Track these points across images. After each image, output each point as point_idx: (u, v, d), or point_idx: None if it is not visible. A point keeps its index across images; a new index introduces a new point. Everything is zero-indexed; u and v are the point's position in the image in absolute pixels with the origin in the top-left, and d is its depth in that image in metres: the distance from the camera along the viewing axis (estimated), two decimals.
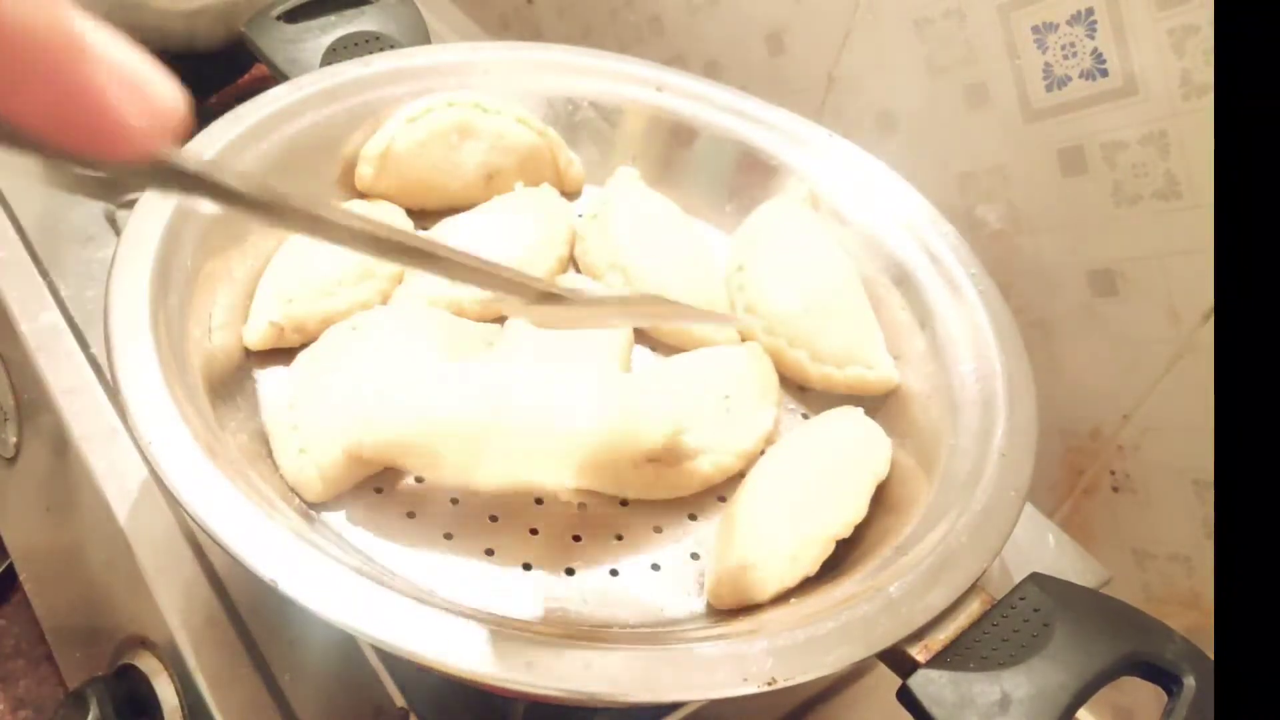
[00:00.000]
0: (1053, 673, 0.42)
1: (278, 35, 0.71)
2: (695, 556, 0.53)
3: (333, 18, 0.72)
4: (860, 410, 0.59)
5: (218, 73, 0.88)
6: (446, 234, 0.64)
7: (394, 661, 0.52)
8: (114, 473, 0.59)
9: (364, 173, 0.65)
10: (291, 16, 0.72)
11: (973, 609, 0.45)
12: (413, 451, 0.49)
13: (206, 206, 0.27)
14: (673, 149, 0.72)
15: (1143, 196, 0.63)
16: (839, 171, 0.69)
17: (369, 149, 0.65)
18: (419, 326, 0.57)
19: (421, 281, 0.61)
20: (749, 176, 0.71)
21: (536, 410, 0.50)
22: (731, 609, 0.50)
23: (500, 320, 0.61)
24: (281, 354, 0.58)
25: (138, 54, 0.19)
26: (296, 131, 0.63)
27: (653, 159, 0.72)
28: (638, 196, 0.68)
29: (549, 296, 0.41)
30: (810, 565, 0.50)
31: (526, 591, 0.49)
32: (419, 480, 0.52)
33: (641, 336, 0.63)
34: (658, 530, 0.54)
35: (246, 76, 0.89)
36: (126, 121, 0.19)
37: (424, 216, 0.67)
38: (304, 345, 0.57)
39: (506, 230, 0.64)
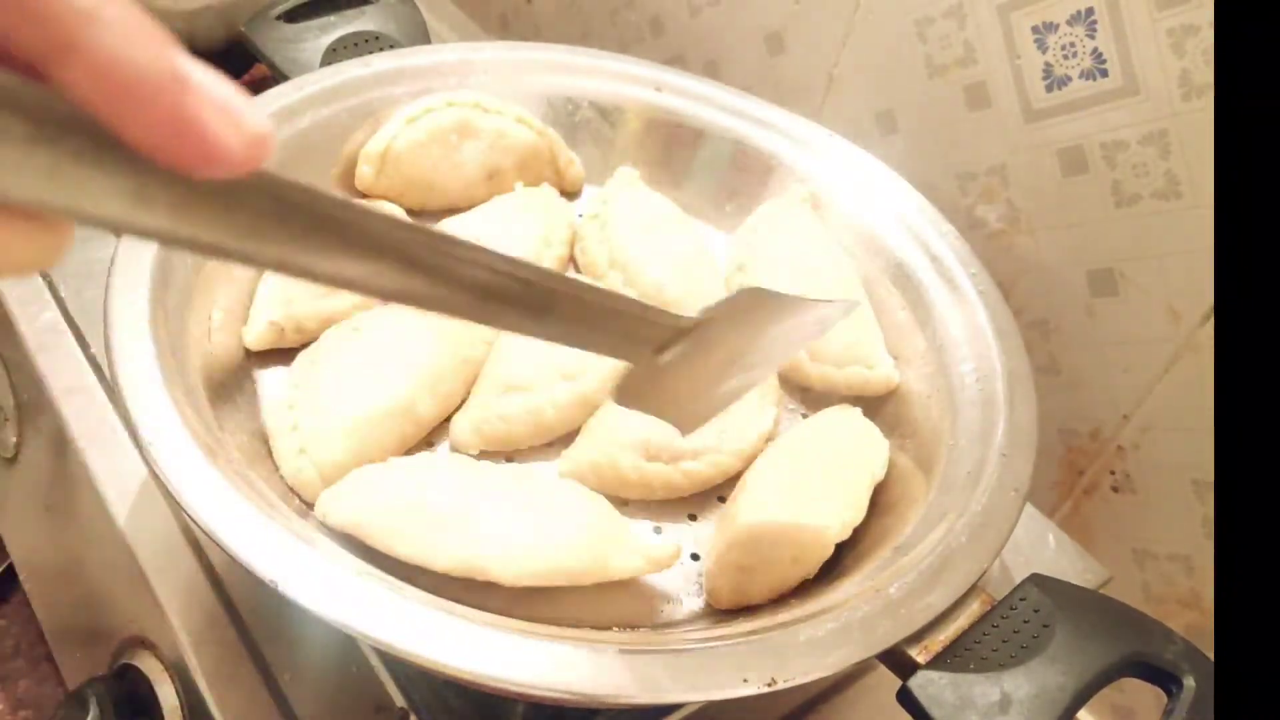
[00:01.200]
0: (1053, 674, 0.42)
1: (278, 35, 0.71)
2: (695, 557, 0.53)
3: (333, 18, 0.72)
4: (858, 410, 0.59)
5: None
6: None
7: (394, 661, 0.52)
8: (114, 473, 0.59)
9: (364, 172, 0.65)
10: (291, 16, 0.72)
11: (973, 610, 0.45)
12: (372, 533, 0.48)
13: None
14: (672, 149, 0.72)
15: (1143, 196, 0.63)
16: (839, 172, 0.69)
17: (369, 149, 0.65)
18: (419, 327, 0.57)
19: None
20: (749, 176, 0.71)
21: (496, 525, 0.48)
22: (731, 609, 0.50)
23: None
24: (281, 354, 0.57)
25: (232, 88, 0.22)
26: (297, 131, 0.63)
27: (652, 159, 0.72)
28: (638, 196, 0.68)
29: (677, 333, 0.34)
30: (810, 568, 0.50)
31: None
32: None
33: None
34: (658, 530, 0.54)
35: (246, 76, 0.89)
36: (224, 142, 0.21)
37: (424, 216, 0.67)
38: (304, 345, 0.57)
39: (506, 230, 0.64)
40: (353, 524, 0.48)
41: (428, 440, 0.56)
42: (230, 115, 0.21)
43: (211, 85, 0.21)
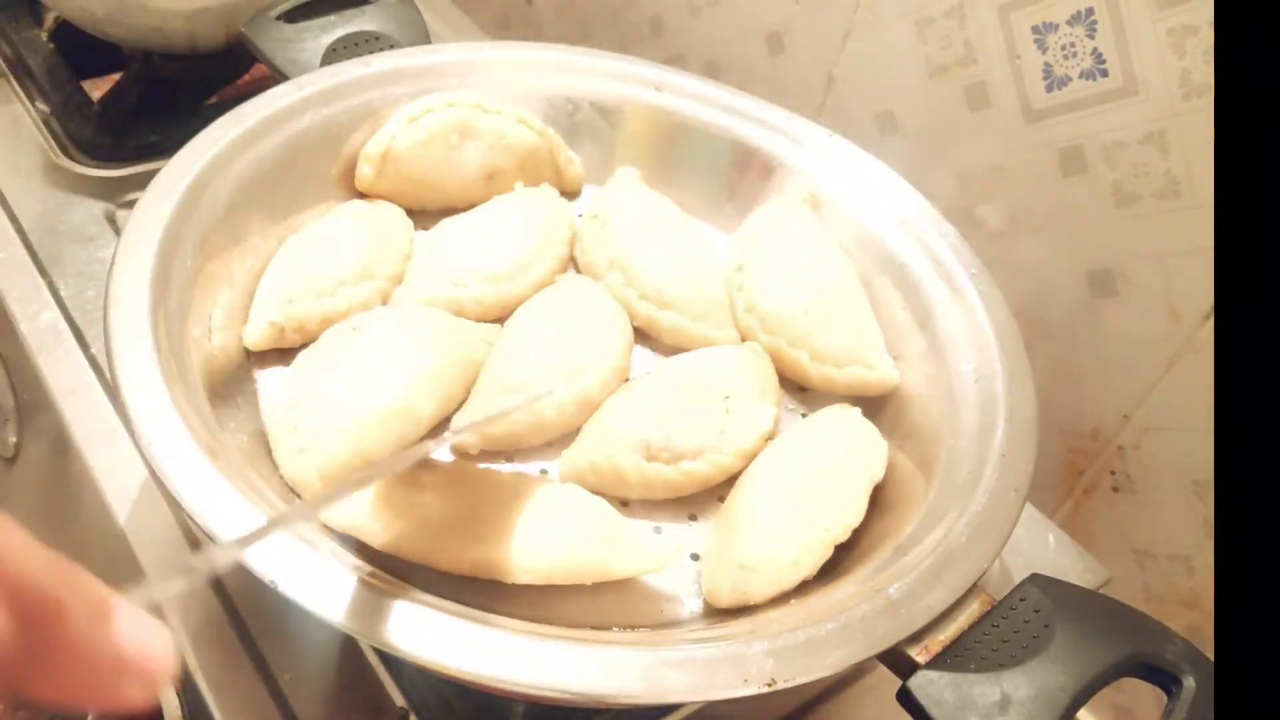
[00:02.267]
0: (1053, 674, 0.42)
1: (277, 35, 0.71)
2: (695, 557, 0.53)
3: (333, 18, 0.72)
4: (858, 410, 0.59)
5: (218, 73, 0.88)
6: (446, 233, 0.64)
7: (394, 661, 0.52)
8: (114, 473, 0.59)
9: (364, 172, 0.65)
10: (291, 16, 0.72)
11: (973, 610, 0.45)
12: (374, 534, 0.48)
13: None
14: (672, 149, 0.72)
15: (1143, 196, 0.63)
16: (839, 171, 0.69)
17: (369, 149, 0.65)
18: (419, 327, 0.57)
19: (422, 281, 0.61)
20: (749, 176, 0.71)
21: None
22: (730, 609, 0.50)
23: (500, 320, 0.61)
24: (281, 354, 0.57)
25: (137, 617, 0.26)
26: (297, 131, 0.63)
27: (653, 159, 0.72)
28: (638, 196, 0.68)
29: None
30: (810, 570, 0.50)
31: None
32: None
33: (641, 337, 0.63)
34: (658, 530, 0.54)
35: (246, 76, 0.89)
36: (137, 702, 0.25)
37: (424, 216, 0.67)
38: (304, 345, 0.57)
39: (506, 230, 0.64)
40: (354, 525, 0.48)
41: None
42: (147, 676, 0.25)
43: (137, 637, 0.25)
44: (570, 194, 0.72)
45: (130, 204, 0.55)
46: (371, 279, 0.60)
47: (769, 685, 0.40)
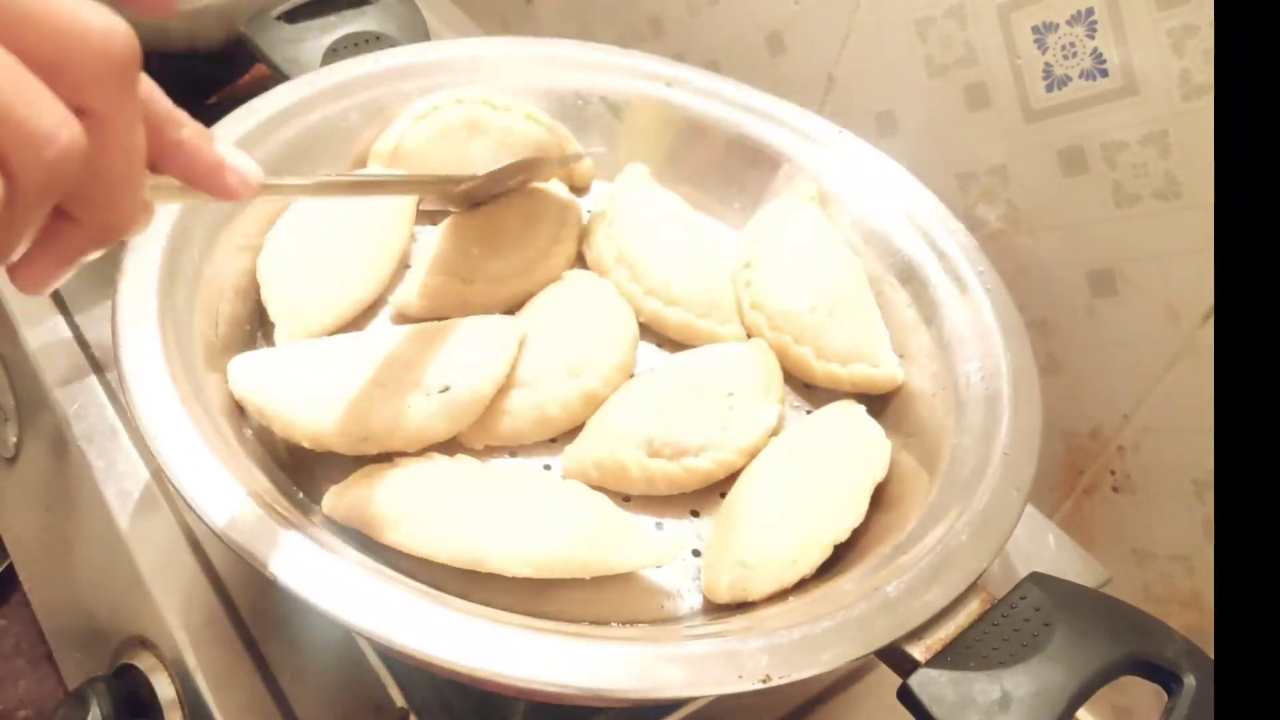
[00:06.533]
0: (1053, 672, 0.42)
1: (278, 35, 0.71)
2: (696, 553, 0.53)
3: (333, 18, 0.72)
4: (862, 408, 0.59)
5: (218, 73, 0.88)
6: (452, 231, 0.64)
7: (394, 661, 0.53)
8: (114, 473, 0.59)
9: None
10: (291, 16, 0.72)
11: (973, 608, 0.45)
12: (377, 527, 0.48)
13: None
14: (682, 145, 0.72)
15: (1143, 196, 0.63)
16: (847, 168, 0.69)
17: (379, 146, 0.65)
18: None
19: (424, 279, 0.61)
20: (757, 173, 0.71)
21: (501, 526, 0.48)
22: (728, 604, 0.50)
23: (509, 312, 0.61)
24: None
25: (243, 158, 0.36)
26: (307, 127, 0.63)
27: (662, 155, 0.72)
28: (646, 193, 0.68)
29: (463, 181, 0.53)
30: (809, 568, 0.50)
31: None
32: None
33: (647, 333, 0.63)
34: (660, 526, 0.54)
35: (246, 76, 0.89)
36: (238, 191, 0.36)
37: (432, 213, 0.67)
38: None
39: (514, 226, 0.64)
40: (358, 518, 0.48)
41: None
42: (242, 176, 0.36)
43: (233, 157, 0.36)
44: (579, 190, 0.72)
45: None
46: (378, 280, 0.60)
47: (764, 682, 0.40)
